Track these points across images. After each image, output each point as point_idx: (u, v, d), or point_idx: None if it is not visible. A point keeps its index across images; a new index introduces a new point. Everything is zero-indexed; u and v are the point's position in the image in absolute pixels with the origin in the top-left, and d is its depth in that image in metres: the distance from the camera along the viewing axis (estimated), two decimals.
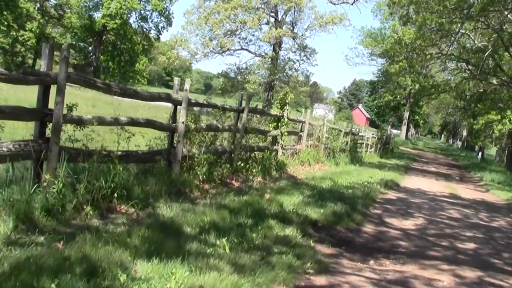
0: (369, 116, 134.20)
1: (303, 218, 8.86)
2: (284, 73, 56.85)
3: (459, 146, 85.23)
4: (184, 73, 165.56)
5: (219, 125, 12.37)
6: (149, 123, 9.29)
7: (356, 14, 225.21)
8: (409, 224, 10.99)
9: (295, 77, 57.63)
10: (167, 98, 9.90)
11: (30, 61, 70.72)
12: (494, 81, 38.66)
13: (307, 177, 15.57)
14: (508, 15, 31.56)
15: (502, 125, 30.22)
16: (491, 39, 33.55)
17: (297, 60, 58.15)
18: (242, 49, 57.55)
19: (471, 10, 28.84)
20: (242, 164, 12.86)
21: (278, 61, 57.09)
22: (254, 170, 13.15)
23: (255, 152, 14.72)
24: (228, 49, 56.79)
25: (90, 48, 78.27)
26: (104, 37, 76.27)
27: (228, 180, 11.83)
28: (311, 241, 7.63)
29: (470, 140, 46.86)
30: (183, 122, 9.98)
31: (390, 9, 34.38)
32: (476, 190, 22.92)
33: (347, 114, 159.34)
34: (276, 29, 52.55)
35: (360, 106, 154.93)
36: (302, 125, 19.39)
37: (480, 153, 47.81)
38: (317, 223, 9.11)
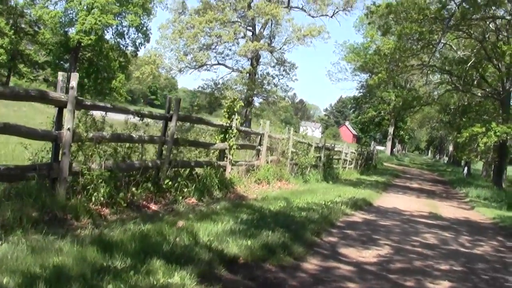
0: (356, 133, 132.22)
1: (216, 255, 6.53)
2: (263, 88, 54.53)
3: (445, 162, 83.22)
4: (169, 91, 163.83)
5: (134, 135, 9.98)
6: (9, 129, 6.87)
7: (338, 28, 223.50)
8: (369, 255, 8.68)
9: (274, 92, 55.29)
10: (41, 97, 7.48)
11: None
12: (479, 93, 36.79)
13: (259, 197, 13.25)
14: (490, 24, 29.73)
15: (487, 138, 27.98)
16: (474, 50, 31.75)
17: (276, 75, 56.00)
18: (218, 64, 55.33)
19: (452, 19, 27.01)
20: (170, 183, 10.52)
21: (256, 76, 54.89)
22: (185, 190, 10.80)
23: (195, 169, 12.37)
24: (204, 64, 54.59)
25: (66, 65, 75.85)
26: (80, 53, 73.88)
27: (145, 203, 9.47)
28: None
29: (456, 155, 44.72)
30: (69, 129, 7.61)
31: (368, 19, 32.32)
32: (459, 207, 20.70)
33: (334, 131, 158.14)
34: (252, 42, 50.36)
35: (347, 123, 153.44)
36: (260, 138, 17.08)
37: (466, 168, 45.77)
38: (237, 260, 6.79)
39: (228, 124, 14.04)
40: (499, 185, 31.88)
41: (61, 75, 7.83)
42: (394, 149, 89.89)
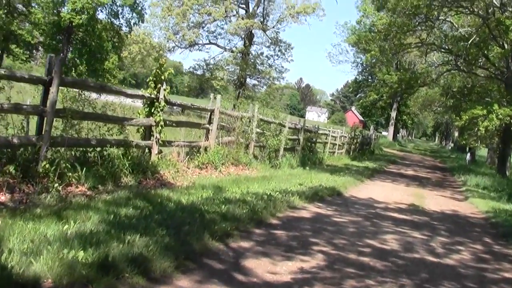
0: (362, 119, 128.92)
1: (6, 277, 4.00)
2: (256, 69, 51.74)
3: (450, 148, 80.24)
4: (175, 75, 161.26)
5: None
6: None
7: (340, 8, 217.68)
8: (285, 270, 6.13)
9: (268, 72, 52.41)
10: None
11: None
12: (482, 74, 33.98)
13: (190, 185, 10.61)
14: (494, 0, 26.82)
15: (489, 121, 25.21)
16: (477, 27, 28.91)
17: (271, 56, 53.17)
18: (210, 43, 52.58)
19: None
20: (48, 166, 7.93)
21: (250, 56, 52.08)
22: (70, 175, 8.20)
23: (107, 149, 9.74)
24: (195, 44, 51.94)
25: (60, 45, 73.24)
26: (72, 34, 71.21)
27: None
28: None
29: (459, 141, 41.94)
30: None
31: None
32: (451, 198, 18.05)
33: (340, 116, 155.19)
34: (243, 19, 47.51)
35: (353, 108, 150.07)
36: (210, 115, 14.42)
37: (469, 155, 42.89)
38: (40, 284, 4.25)
39: (153, 95, 11.37)
40: (502, 173, 29.19)
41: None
42: (397, 135, 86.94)
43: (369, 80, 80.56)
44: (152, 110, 11.37)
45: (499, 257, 8.69)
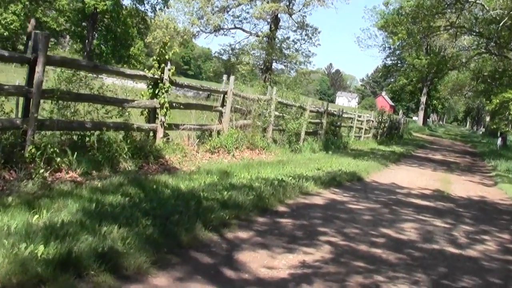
0: (392, 104, 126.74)
1: None
2: (282, 53, 50.85)
3: (481, 133, 78.46)
4: (203, 62, 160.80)
5: None
6: None
7: None
8: (284, 264, 5.48)
9: (294, 57, 51.48)
10: None
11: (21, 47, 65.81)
12: None
13: (194, 170, 9.97)
14: None
15: None
16: (506, 8, 27.64)
17: (298, 40, 52.19)
18: (235, 27, 51.79)
19: None
20: (34, 150, 7.35)
21: (276, 40, 51.18)
22: (58, 160, 7.62)
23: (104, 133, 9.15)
24: (220, 28, 51.21)
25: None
26: (97, 20, 71.00)
27: None
28: None
29: (490, 125, 40.65)
30: None
31: None
32: (480, 183, 17.14)
33: (371, 101, 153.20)
34: (268, 3, 46.59)
35: (383, 93, 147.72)
36: (223, 97, 13.73)
37: (500, 139, 41.56)
38: None
39: (157, 76, 10.70)
40: None
41: None
42: (428, 120, 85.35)
43: (399, 64, 78.95)
44: (157, 92, 10.71)
45: None
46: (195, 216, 6.15)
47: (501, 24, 26.60)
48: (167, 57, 10.76)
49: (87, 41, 71.44)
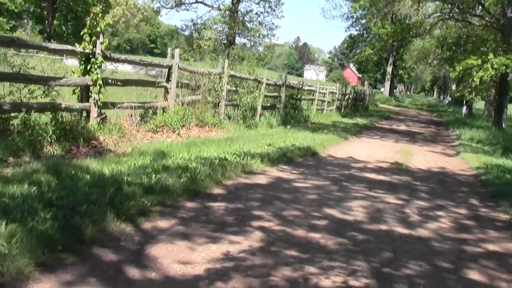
0: (360, 76, 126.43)
1: None
2: (244, 27, 49.84)
3: (448, 102, 78.55)
4: (170, 40, 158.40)
5: None
6: None
7: None
8: (202, 258, 4.81)
9: (257, 30, 50.47)
10: None
11: None
12: (477, 23, 32.26)
13: (127, 152, 9.20)
14: None
15: (483, 71, 23.74)
16: None
17: (261, 13, 51.11)
18: (197, 1, 50.52)
19: None
20: None
21: (238, 13, 50.11)
22: None
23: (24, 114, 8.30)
24: (182, 3, 49.90)
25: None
26: (57, 0, 68.97)
27: None
28: None
29: (454, 93, 40.39)
30: None
31: None
32: (442, 153, 16.72)
33: (338, 74, 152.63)
34: None
35: (351, 65, 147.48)
36: (168, 71, 12.90)
37: (465, 108, 41.41)
38: None
39: (89, 51, 9.84)
40: (498, 125, 27.79)
41: None
42: (394, 90, 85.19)
43: (365, 35, 78.45)
44: (89, 68, 9.86)
45: (484, 223, 7.34)
46: (108, 205, 5.41)
47: None
48: (98, 29, 9.89)
49: (47, 22, 69.45)
